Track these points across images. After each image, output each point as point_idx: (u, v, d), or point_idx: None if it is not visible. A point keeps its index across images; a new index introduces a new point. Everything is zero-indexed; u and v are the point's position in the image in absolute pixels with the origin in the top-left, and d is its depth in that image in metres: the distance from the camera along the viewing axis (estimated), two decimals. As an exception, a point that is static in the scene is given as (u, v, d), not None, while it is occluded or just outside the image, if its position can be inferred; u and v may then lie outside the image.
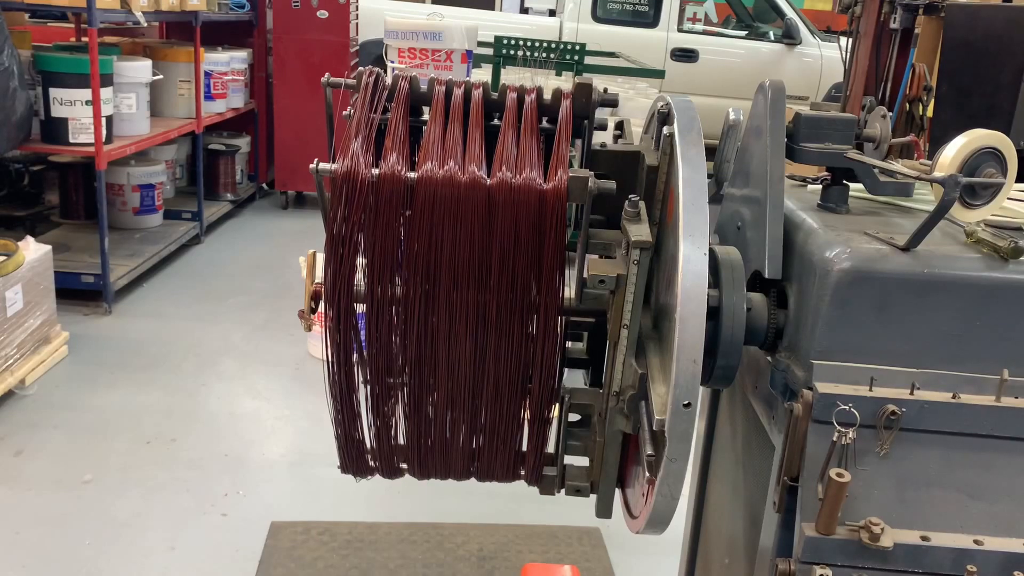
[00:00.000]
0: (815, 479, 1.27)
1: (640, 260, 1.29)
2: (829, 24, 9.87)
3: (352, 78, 1.42)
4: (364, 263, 1.38)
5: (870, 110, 1.58)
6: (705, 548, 1.94)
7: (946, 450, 1.29)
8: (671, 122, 1.36)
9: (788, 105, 1.45)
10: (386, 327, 1.41)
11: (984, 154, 1.35)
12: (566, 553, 3.09)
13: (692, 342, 1.18)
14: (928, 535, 1.28)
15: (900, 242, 1.30)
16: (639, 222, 1.32)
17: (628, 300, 1.31)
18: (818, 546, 1.27)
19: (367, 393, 1.47)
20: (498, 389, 1.44)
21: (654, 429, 1.26)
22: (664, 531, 1.37)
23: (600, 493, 1.52)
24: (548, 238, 1.34)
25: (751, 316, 1.36)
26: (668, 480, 1.25)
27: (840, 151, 1.45)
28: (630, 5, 8.61)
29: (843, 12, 4.10)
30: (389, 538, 3.11)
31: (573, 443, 1.54)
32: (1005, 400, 1.28)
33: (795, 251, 1.38)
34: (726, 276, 1.34)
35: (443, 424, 1.48)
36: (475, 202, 1.34)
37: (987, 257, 1.30)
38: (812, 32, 8.60)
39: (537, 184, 1.34)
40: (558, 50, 5.14)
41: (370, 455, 1.54)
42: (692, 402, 1.19)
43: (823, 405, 1.26)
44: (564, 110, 1.42)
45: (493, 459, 1.51)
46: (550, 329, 1.41)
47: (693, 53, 8.48)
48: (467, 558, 3.03)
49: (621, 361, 1.35)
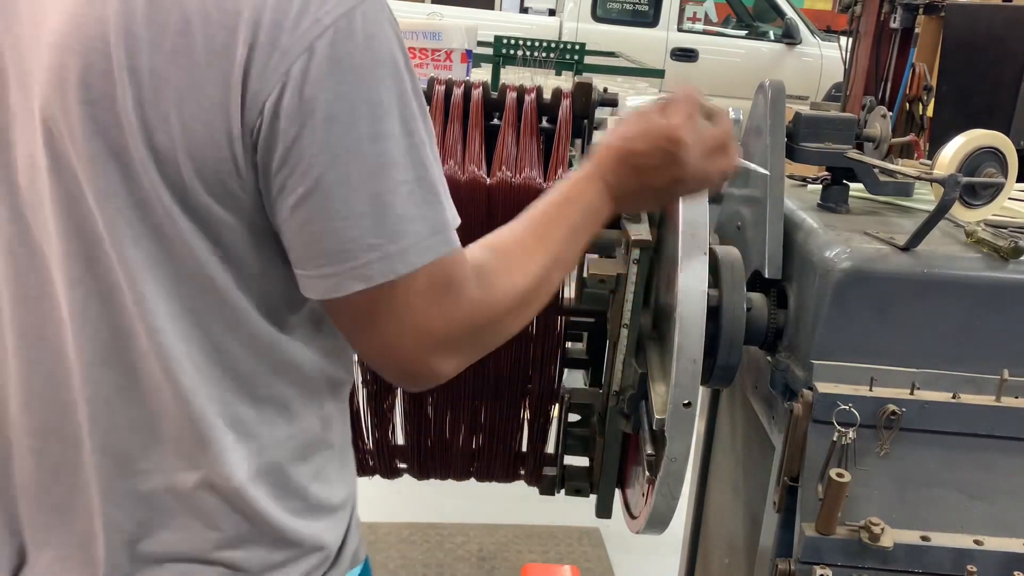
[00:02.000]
0: (815, 479, 1.27)
1: (640, 259, 1.29)
2: (829, 24, 9.87)
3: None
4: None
5: (870, 110, 1.58)
6: (705, 548, 1.94)
7: (946, 450, 1.29)
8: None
9: (788, 105, 1.45)
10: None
11: (984, 154, 1.35)
12: (566, 553, 3.09)
13: (692, 342, 1.18)
14: (928, 535, 1.28)
15: (900, 242, 1.30)
16: (639, 221, 1.33)
17: (628, 300, 1.31)
18: (818, 546, 1.27)
19: (366, 392, 1.47)
20: (498, 389, 1.44)
21: (654, 429, 1.26)
22: (664, 531, 1.37)
23: (600, 493, 1.52)
24: None
25: (751, 316, 1.36)
26: (668, 480, 1.25)
27: (840, 151, 1.44)
28: (630, 5, 8.61)
29: (843, 12, 4.09)
30: (389, 538, 3.11)
31: (573, 443, 1.54)
32: (1005, 400, 1.28)
33: (795, 251, 1.38)
34: (726, 276, 1.34)
35: (442, 424, 1.48)
36: (475, 201, 1.34)
37: (987, 257, 1.30)
38: (812, 32, 8.59)
39: (537, 184, 1.34)
40: (558, 50, 5.14)
41: (370, 455, 1.54)
42: (692, 401, 1.19)
43: (823, 405, 1.26)
44: (564, 110, 1.42)
45: (493, 459, 1.52)
46: (549, 329, 1.41)
47: (693, 53, 8.47)
48: (467, 558, 3.02)
49: (621, 361, 1.35)
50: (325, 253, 0.81)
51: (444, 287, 0.85)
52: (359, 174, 0.79)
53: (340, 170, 0.79)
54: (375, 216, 0.80)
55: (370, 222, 0.80)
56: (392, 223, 0.81)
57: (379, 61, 0.80)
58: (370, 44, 0.79)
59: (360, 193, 0.80)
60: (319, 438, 0.96)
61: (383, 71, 0.80)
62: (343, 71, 0.78)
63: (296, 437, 0.94)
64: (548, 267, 0.96)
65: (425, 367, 0.88)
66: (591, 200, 1.01)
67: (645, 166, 1.03)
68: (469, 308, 0.88)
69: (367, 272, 0.81)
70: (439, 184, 0.84)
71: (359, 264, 0.81)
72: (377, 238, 0.80)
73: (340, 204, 0.79)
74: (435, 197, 0.84)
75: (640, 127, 1.04)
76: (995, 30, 2.44)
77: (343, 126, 0.78)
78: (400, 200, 0.81)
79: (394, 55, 0.81)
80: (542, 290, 0.96)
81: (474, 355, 0.93)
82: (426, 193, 0.82)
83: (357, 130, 0.79)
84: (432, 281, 0.84)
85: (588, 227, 1.01)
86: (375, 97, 0.79)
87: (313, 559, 0.96)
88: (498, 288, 0.91)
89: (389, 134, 0.80)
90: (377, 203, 0.80)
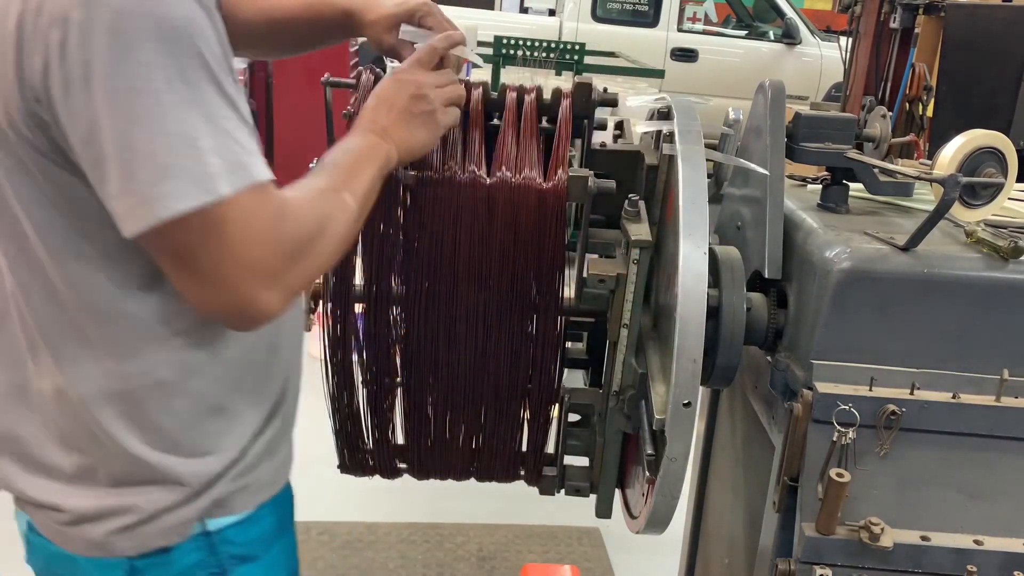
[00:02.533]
0: (815, 479, 1.27)
1: (640, 259, 1.29)
2: (829, 24, 9.86)
3: (352, 78, 1.42)
4: (363, 262, 1.38)
5: (870, 110, 1.58)
6: (705, 548, 1.94)
7: (946, 450, 1.29)
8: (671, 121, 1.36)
9: (788, 105, 1.45)
10: (385, 326, 1.41)
11: (984, 154, 1.35)
12: (566, 553, 3.09)
13: (692, 342, 1.18)
14: (928, 535, 1.28)
15: (900, 242, 1.30)
16: (639, 221, 1.32)
17: (628, 300, 1.31)
18: (818, 546, 1.27)
19: (366, 393, 1.47)
20: (498, 389, 1.44)
21: (654, 429, 1.26)
22: (664, 531, 1.37)
23: (600, 493, 1.52)
24: (548, 238, 1.34)
25: (751, 316, 1.36)
26: (668, 480, 1.25)
27: (840, 151, 1.45)
28: (630, 5, 8.60)
29: (843, 12, 4.09)
30: (389, 538, 3.11)
31: (573, 443, 1.54)
32: (1005, 400, 1.28)
33: (795, 251, 1.38)
34: (726, 276, 1.34)
35: (443, 424, 1.48)
36: (475, 201, 1.34)
37: (987, 257, 1.30)
38: (812, 32, 8.58)
39: (537, 184, 1.34)
40: (558, 50, 5.14)
41: (369, 455, 1.54)
42: (692, 402, 1.19)
43: (823, 405, 1.26)
44: (564, 110, 1.42)
45: (493, 459, 1.51)
46: (550, 329, 1.41)
47: (693, 53, 8.47)
48: (467, 558, 3.03)
49: (621, 361, 1.35)
50: (123, 193, 0.90)
51: (249, 219, 0.94)
52: (136, 119, 0.88)
53: (120, 116, 0.88)
54: (160, 153, 0.89)
55: (158, 159, 0.89)
56: (172, 160, 0.89)
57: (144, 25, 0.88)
58: (140, 4, 0.88)
59: (143, 134, 0.88)
60: (166, 382, 1.06)
61: (146, 32, 0.88)
62: (106, 32, 0.87)
63: (129, 378, 1.05)
64: (338, 191, 1.09)
65: (247, 299, 0.96)
66: (361, 141, 1.19)
67: (389, 97, 1.24)
68: (279, 237, 0.97)
69: (167, 204, 0.89)
70: (235, 130, 0.94)
71: (154, 196, 0.89)
72: (164, 175, 0.89)
73: (124, 148, 0.89)
74: (229, 137, 0.93)
75: (383, 81, 1.28)
76: (995, 30, 2.44)
77: (110, 80, 0.87)
78: (187, 140, 0.90)
79: (170, 18, 0.89)
80: (341, 216, 1.08)
81: (294, 285, 1.01)
82: (218, 135, 0.92)
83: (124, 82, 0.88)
84: (237, 214, 0.93)
85: (370, 160, 1.17)
86: (143, 57, 0.88)
87: (164, 490, 1.09)
88: (303, 216, 1.02)
89: (160, 88, 0.89)
90: (161, 143, 0.89)
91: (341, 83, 1.44)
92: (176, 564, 1.12)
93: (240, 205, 0.93)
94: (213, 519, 1.13)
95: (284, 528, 1.26)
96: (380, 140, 1.20)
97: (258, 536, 1.19)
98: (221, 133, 0.92)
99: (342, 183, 1.11)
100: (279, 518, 1.23)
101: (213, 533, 1.13)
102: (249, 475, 1.16)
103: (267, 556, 1.21)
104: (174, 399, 1.07)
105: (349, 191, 1.11)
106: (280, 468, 1.25)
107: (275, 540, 1.23)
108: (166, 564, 1.11)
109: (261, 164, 0.97)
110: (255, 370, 1.15)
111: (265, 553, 1.20)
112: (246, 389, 1.14)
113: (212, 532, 1.13)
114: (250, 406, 1.15)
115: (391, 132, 1.22)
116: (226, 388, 1.12)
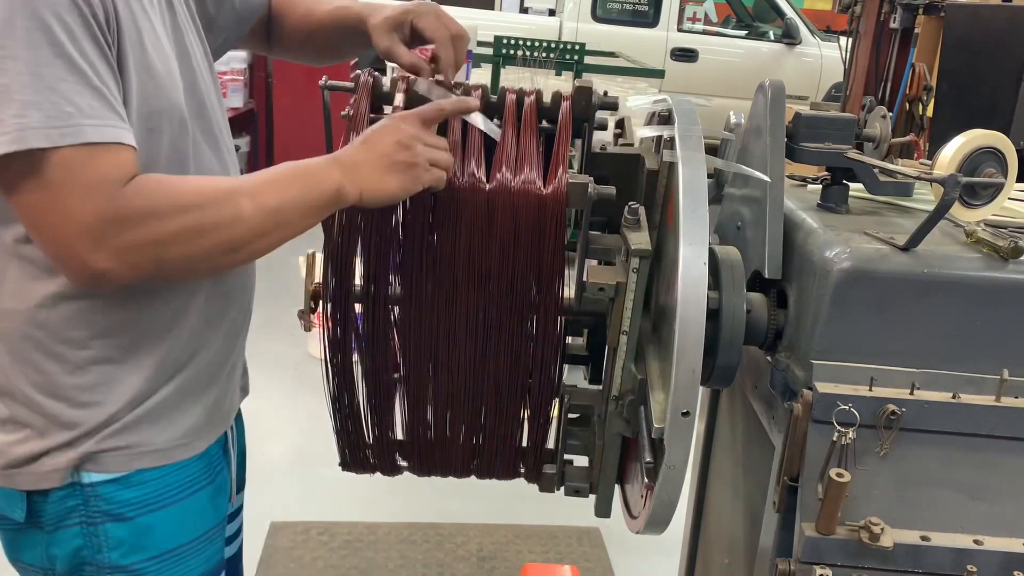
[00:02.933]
0: (815, 479, 1.27)
1: (639, 268, 1.28)
2: (829, 24, 9.85)
3: (350, 80, 1.41)
4: (363, 262, 1.37)
5: (870, 110, 1.58)
6: (705, 548, 1.94)
7: (946, 450, 1.29)
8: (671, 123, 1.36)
9: (788, 105, 1.45)
10: (384, 326, 1.41)
11: (984, 154, 1.35)
12: (566, 553, 3.09)
13: (691, 350, 1.17)
14: (928, 535, 1.28)
15: (900, 242, 1.30)
16: (639, 229, 1.32)
17: (627, 307, 1.30)
18: (818, 546, 1.27)
19: (366, 392, 1.47)
20: (498, 388, 1.44)
21: (652, 437, 1.26)
22: (663, 531, 1.37)
23: (599, 493, 1.52)
24: (547, 242, 1.34)
25: (751, 316, 1.36)
26: (666, 486, 1.25)
27: (840, 151, 1.44)
28: (630, 5, 8.60)
29: (843, 12, 4.10)
30: (389, 538, 3.12)
31: (573, 442, 1.54)
32: (1005, 400, 1.28)
33: (795, 251, 1.38)
34: (726, 277, 1.34)
35: (443, 422, 1.48)
36: (474, 204, 1.34)
37: (987, 257, 1.30)
38: (812, 32, 8.58)
39: (536, 188, 1.34)
40: (558, 50, 5.13)
41: (370, 452, 1.54)
42: (691, 411, 1.19)
43: (823, 405, 1.26)
44: (563, 113, 1.42)
45: (493, 456, 1.52)
46: (550, 329, 1.41)
47: (693, 53, 8.47)
48: (467, 558, 3.03)
49: (620, 367, 1.34)
50: None
51: (73, 175, 1.01)
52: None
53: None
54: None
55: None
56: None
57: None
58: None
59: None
60: (47, 324, 1.16)
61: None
62: None
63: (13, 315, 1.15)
64: (237, 194, 1.12)
65: (71, 252, 1.04)
66: (313, 164, 1.19)
67: (375, 137, 1.22)
68: (107, 198, 1.02)
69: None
70: (73, 93, 1.00)
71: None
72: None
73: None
74: (59, 96, 1.00)
75: (380, 120, 1.27)
76: (995, 30, 2.44)
77: None
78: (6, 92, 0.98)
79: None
80: (222, 216, 1.10)
81: (126, 254, 1.05)
82: (43, 92, 0.98)
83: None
84: (58, 167, 1.00)
85: (306, 183, 1.17)
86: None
87: (37, 435, 1.19)
88: (157, 193, 1.06)
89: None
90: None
91: (339, 87, 1.44)
92: (55, 506, 1.22)
93: (62, 160, 1.00)
94: (87, 472, 1.21)
95: (176, 502, 1.28)
96: (337, 172, 1.19)
97: (132, 499, 1.23)
98: (48, 91, 0.99)
99: (250, 190, 1.13)
100: (169, 489, 1.27)
101: (87, 486, 1.21)
102: (125, 436, 1.22)
103: (141, 520, 1.25)
104: (57, 345, 1.16)
105: (252, 199, 1.12)
106: (177, 441, 1.28)
107: (157, 509, 1.26)
108: (50, 503, 1.22)
109: (104, 128, 1.02)
110: (146, 333, 1.20)
111: (140, 517, 1.24)
112: (129, 349, 1.20)
113: (85, 485, 1.21)
114: (133, 369, 1.20)
115: (359, 169, 1.20)
116: (108, 344, 1.18)
